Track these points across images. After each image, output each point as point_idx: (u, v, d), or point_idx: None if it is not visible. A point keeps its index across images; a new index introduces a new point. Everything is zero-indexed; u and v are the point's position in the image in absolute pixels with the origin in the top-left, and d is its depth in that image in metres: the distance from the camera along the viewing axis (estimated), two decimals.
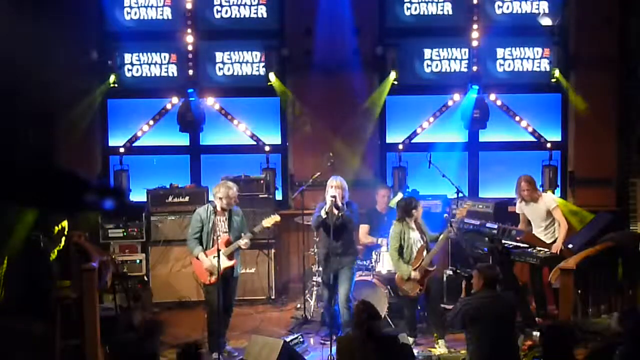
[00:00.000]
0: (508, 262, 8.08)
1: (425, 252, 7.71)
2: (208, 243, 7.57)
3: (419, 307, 8.04)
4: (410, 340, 7.70)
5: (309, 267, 9.13)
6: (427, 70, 10.07)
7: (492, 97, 9.93)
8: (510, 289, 7.17)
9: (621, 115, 9.83)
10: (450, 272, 8.75)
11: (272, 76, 9.71)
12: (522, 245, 8.28)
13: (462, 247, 8.44)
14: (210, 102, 10.09)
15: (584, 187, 9.91)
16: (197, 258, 7.60)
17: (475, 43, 9.70)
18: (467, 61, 9.93)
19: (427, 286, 7.74)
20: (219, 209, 7.56)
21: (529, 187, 8.36)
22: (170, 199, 9.53)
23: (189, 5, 9.82)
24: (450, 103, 10.06)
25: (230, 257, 7.51)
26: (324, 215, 7.55)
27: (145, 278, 9.34)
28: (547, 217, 8.33)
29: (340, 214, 7.51)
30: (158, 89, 10.14)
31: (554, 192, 9.70)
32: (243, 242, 7.55)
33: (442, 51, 10.03)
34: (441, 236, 7.79)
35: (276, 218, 7.75)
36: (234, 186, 7.65)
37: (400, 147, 10.02)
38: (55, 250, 7.45)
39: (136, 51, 10.09)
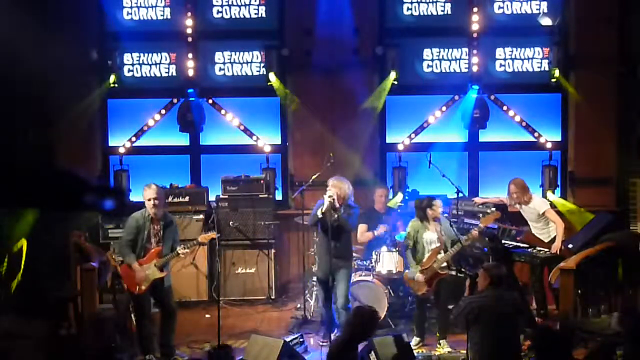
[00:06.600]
0: (508, 262, 8.07)
1: (441, 255, 7.61)
2: (140, 252, 7.24)
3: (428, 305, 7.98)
4: (416, 340, 7.68)
5: (309, 267, 9.11)
6: (427, 70, 10.07)
7: (492, 97, 9.94)
8: (510, 289, 7.16)
9: (621, 115, 9.83)
10: (452, 272, 8.72)
11: (272, 76, 9.72)
12: (522, 245, 8.28)
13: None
14: (210, 102, 10.10)
15: (584, 187, 9.91)
16: (130, 267, 7.21)
17: (475, 43, 9.70)
18: (467, 61, 9.93)
19: (437, 288, 7.64)
20: (152, 215, 7.23)
21: (517, 190, 8.39)
22: (170, 199, 9.50)
23: (188, 6, 9.82)
24: (450, 103, 10.06)
25: (161, 268, 7.26)
26: (319, 215, 7.45)
27: None
28: (539, 219, 8.37)
29: (337, 215, 7.43)
30: (158, 89, 10.14)
31: (553, 192, 9.71)
32: (182, 251, 7.29)
33: (442, 51, 10.04)
34: (455, 245, 7.56)
35: (212, 235, 7.47)
36: (156, 188, 7.33)
37: (400, 147, 10.02)
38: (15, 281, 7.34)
39: (136, 51, 10.09)
